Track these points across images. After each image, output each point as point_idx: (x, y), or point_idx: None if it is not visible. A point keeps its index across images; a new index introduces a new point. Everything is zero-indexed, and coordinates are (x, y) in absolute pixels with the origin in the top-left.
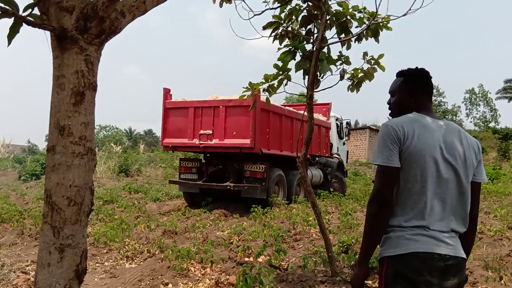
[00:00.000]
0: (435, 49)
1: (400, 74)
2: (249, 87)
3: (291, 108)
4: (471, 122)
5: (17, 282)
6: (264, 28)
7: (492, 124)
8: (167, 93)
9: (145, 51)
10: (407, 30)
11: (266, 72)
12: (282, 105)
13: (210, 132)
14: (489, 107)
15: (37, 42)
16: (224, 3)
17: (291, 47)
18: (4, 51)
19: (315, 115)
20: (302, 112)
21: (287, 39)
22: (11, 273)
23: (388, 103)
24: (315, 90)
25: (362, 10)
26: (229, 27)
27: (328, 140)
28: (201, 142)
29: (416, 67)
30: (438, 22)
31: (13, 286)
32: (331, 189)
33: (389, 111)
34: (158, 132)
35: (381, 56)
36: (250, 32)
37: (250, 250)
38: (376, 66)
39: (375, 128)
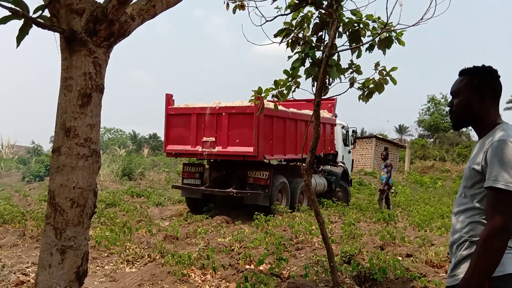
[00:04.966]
0: (441, 59)
1: (465, 72)
2: (258, 92)
3: (294, 110)
4: None
5: (17, 283)
6: (276, 35)
7: None
8: (169, 98)
9: (151, 55)
10: (414, 40)
11: (270, 79)
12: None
13: (213, 139)
14: None
15: (44, 44)
16: (237, 9)
17: (301, 54)
18: (11, 53)
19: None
20: (305, 111)
21: (298, 46)
22: (12, 274)
23: (450, 105)
24: (323, 97)
25: (376, 20)
26: (234, 32)
27: (333, 137)
28: (204, 149)
29: (483, 65)
30: (443, 32)
31: (13, 287)
32: (335, 198)
33: (451, 116)
34: (162, 136)
35: (394, 68)
36: (257, 38)
37: (251, 258)
38: (387, 78)
39: (381, 137)
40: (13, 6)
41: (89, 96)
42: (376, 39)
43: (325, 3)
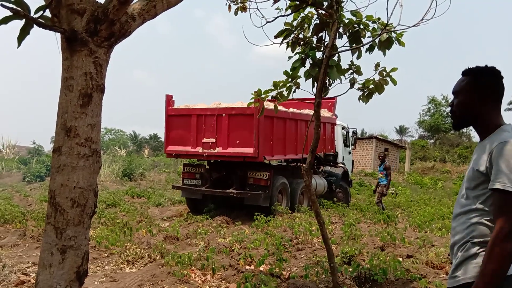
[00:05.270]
0: (441, 60)
1: (466, 72)
2: (258, 93)
3: (294, 110)
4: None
5: (18, 283)
6: (276, 37)
7: None
8: (169, 99)
9: (152, 55)
10: (414, 41)
11: (271, 79)
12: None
13: (213, 140)
14: None
15: (45, 44)
16: (239, 11)
17: (301, 55)
18: (12, 53)
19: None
20: (305, 111)
21: (298, 47)
22: (12, 274)
23: (451, 105)
24: (323, 97)
25: (376, 21)
26: (235, 34)
27: (333, 136)
28: (205, 150)
29: (486, 65)
30: (443, 33)
31: (13, 287)
32: (335, 199)
33: (451, 115)
34: (163, 137)
35: (394, 69)
36: (258, 39)
37: (251, 258)
38: (387, 79)
39: (381, 138)
40: (14, 7)
41: (89, 96)
42: (376, 40)
43: (326, 4)
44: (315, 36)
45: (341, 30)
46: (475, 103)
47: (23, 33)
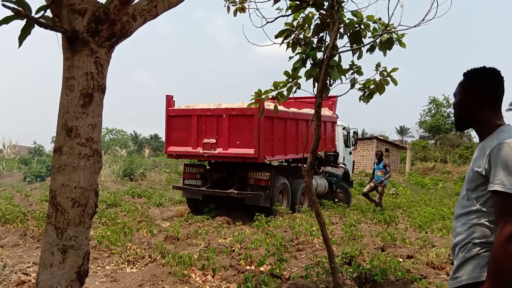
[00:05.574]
0: (442, 60)
1: (464, 73)
2: (258, 94)
3: (295, 109)
4: None
5: (19, 283)
6: (277, 37)
7: None
8: (169, 100)
9: (153, 56)
10: (415, 41)
11: (271, 79)
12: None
13: (214, 141)
14: None
15: (46, 44)
16: (238, 12)
17: (302, 55)
18: (12, 53)
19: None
20: (305, 110)
21: (299, 47)
22: (13, 274)
23: (454, 106)
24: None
25: (377, 21)
26: (235, 34)
27: (334, 135)
28: (205, 151)
29: (483, 66)
30: (443, 33)
31: (14, 287)
32: (336, 199)
33: (453, 116)
34: (163, 137)
35: (394, 69)
36: (259, 39)
37: (252, 259)
38: (388, 79)
39: (382, 138)
40: (15, 6)
41: (90, 96)
42: (377, 40)
43: (326, 4)
44: (316, 36)
45: (341, 30)
46: (470, 104)
47: (24, 33)
